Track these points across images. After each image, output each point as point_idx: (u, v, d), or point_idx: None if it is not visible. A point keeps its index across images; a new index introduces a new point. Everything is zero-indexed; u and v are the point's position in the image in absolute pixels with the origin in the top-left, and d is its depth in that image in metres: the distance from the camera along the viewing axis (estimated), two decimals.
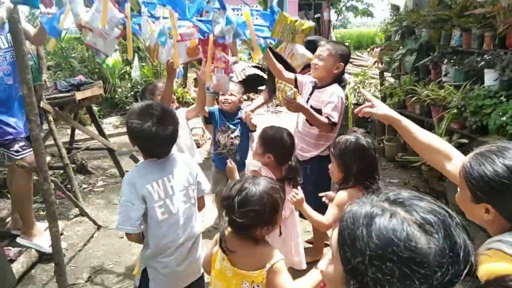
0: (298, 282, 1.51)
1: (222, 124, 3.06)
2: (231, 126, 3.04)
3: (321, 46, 2.68)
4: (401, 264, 0.70)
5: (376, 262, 0.71)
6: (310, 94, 2.76)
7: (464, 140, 3.74)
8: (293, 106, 2.57)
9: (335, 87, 2.70)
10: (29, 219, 3.10)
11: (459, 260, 0.70)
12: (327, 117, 2.59)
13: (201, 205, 2.12)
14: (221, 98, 3.06)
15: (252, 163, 2.36)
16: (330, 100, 2.61)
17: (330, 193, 2.19)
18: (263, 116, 7.58)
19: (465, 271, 0.70)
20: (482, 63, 3.71)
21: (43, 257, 3.08)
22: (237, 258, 1.54)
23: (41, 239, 3.03)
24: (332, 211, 1.98)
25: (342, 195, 1.96)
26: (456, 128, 3.89)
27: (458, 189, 1.31)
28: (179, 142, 2.60)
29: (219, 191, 3.36)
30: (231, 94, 2.98)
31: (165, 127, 1.82)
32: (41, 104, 3.44)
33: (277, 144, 2.22)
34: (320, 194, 2.17)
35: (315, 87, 2.74)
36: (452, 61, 4.21)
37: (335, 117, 2.59)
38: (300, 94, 2.84)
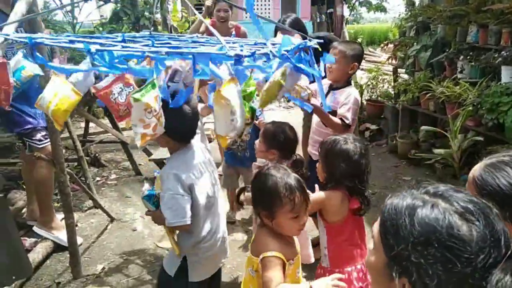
0: (284, 285, 1.46)
1: None
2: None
3: (333, 49, 2.63)
4: (444, 249, 0.74)
5: (419, 248, 0.77)
6: (326, 95, 2.74)
7: (480, 138, 3.71)
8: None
9: (351, 88, 2.69)
10: (49, 211, 3.13)
11: (500, 244, 0.75)
12: (341, 119, 2.56)
13: None
14: None
15: (258, 160, 2.37)
16: (345, 102, 2.59)
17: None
18: (274, 111, 7.57)
19: (508, 254, 0.75)
20: (500, 59, 3.67)
21: (58, 248, 3.13)
22: (252, 242, 1.64)
23: (62, 233, 3.06)
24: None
25: (319, 194, 1.90)
26: (472, 126, 3.85)
27: None
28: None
29: (230, 185, 3.40)
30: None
31: (192, 105, 1.81)
32: None
33: (279, 139, 2.22)
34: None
35: (331, 88, 2.73)
36: (468, 57, 4.16)
37: (350, 119, 2.55)
38: (314, 96, 2.83)
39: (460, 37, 4.36)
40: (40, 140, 2.94)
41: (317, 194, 1.90)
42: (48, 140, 2.95)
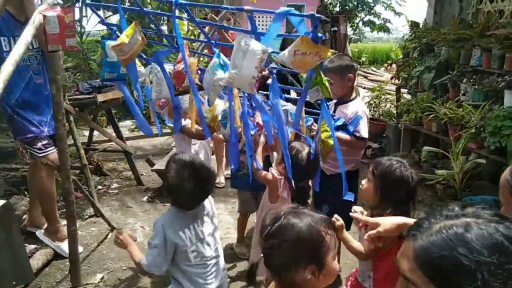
0: None
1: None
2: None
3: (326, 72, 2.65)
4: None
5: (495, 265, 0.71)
6: (334, 111, 2.76)
7: (482, 160, 3.73)
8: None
9: (356, 101, 2.70)
10: (55, 220, 3.14)
11: None
12: (354, 135, 2.56)
13: None
14: None
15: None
16: (356, 119, 2.57)
17: (359, 214, 2.07)
18: None
19: None
20: (503, 84, 3.71)
21: (57, 256, 3.12)
22: None
23: (64, 243, 3.04)
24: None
25: (394, 219, 1.88)
26: (474, 148, 3.87)
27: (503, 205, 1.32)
28: None
29: (248, 209, 3.22)
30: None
31: (202, 186, 1.86)
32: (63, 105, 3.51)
33: (297, 163, 2.16)
34: (353, 215, 2.01)
35: (337, 103, 2.74)
36: (471, 80, 4.21)
37: (363, 132, 2.56)
38: None
39: (463, 60, 4.42)
40: (40, 149, 2.95)
41: (393, 219, 1.80)
42: (50, 149, 2.97)
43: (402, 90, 5.93)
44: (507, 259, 0.71)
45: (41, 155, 2.95)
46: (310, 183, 2.38)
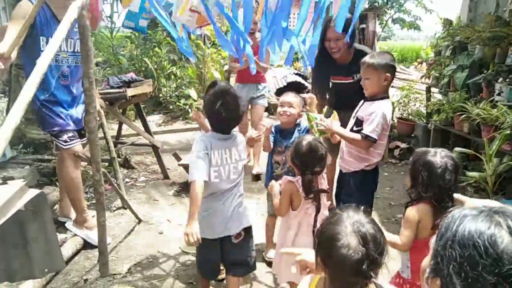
0: None
1: (279, 145, 2.86)
2: (289, 145, 2.77)
3: (362, 64, 2.58)
4: (476, 251, 0.79)
5: (457, 246, 0.83)
6: (360, 106, 2.72)
7: None
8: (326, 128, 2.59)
9: (383, 101, 2.60)
10: (81, 210, 3.22)
11: None
12: (366, 137, 2.52)
13: None
14: (279, 109, 2.83)
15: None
16: (370, 117, 2.54)
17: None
18: (302, 123, 7.55)
19: None
20: None
21: (86, 245, 3.20)
22: None
23: (93, 232, 3.13)
24: (404, 232, 1.91)
25: (411, 212, 1.91)
26: (508, 150, 3.74)
27: None
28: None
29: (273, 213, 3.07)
30: (291, 106, 2.78)
31: (230, 110, 2.19)
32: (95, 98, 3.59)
33: (296, 151, 2.23)
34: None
35: (366, 99, 2.70)
36: (507, 80, 4.05)
37: (373, 134, 2.51)
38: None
39: (499, 59, 4.26)
40: (65, 141, 3.03)
41: (409, 215, 1.91)
42: (75, 141, 3.05)
43: (433, 89, 5.78)
44: (470, 248, 0.81)
45: (66, 147, 3.02)
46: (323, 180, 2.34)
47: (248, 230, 2.42)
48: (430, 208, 1.87)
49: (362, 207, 1.26)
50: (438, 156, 1.86)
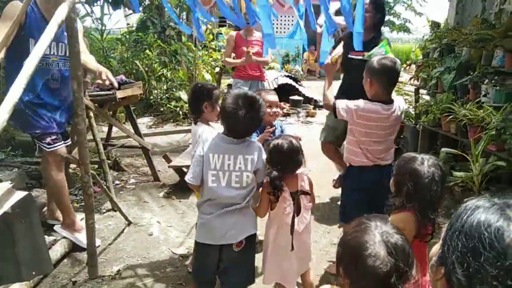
0: None
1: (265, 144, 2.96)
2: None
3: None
4: (479, 242, 0.80)
5: (462, 237, 0.83)
6: None
7: (502, 163, 3.66)
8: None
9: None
10: (68, 212, 3.20)
11: None
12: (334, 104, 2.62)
13: (258, 188, 2.31)
14: (268, 110, 2.79)
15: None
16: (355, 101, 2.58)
17: None
18: (293, 126, 7.60)
19: None
20: None
21: (75, 248, 3.19)
22: None
23: (81, 235, 3.12)
24: None
25: (393, 221, 1.86)
26: (494, 150, 3.80)
27: None
28: None
29: None
30: (277, 106, 2.88)
31: (247, 114, 2.04)
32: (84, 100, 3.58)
33: (267, 149, 2.24)
34: None
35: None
36: (493, 81, 4.12)
37: (341, 110, 2.56)
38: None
39: (485, 61, 4.34)
40: (49, 144, 3.01)
41: (392, 221, 1.86)
42: (59, 143, 3.04)
43: (421, 91, 5.85)
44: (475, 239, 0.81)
45: (49, 149, 3.01)
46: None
47: (250, 239, 2.25)
48: (413, 217, 1.80)
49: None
50: (426, 165, 1.80)
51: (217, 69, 8.97)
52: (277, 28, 15.79)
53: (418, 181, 1.78)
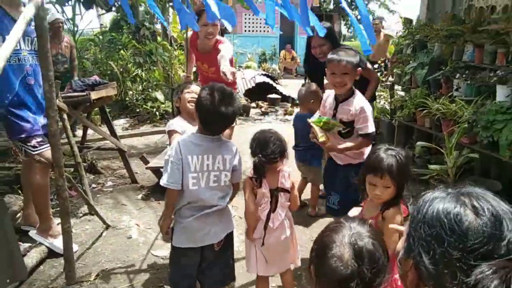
0: None
1: None
2: None
3: (336, 62, 2.57)
4: (442, 228, 0.86)
5: (425, 226, 0.89)
6: (335, 109, 2.75)
7: (475, 155, 3.76)
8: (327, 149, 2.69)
9: (357, 97, 2.67)
10: (47, 218, 3.12)
11: (500, 243, 0.82)
12: (364, 134, 2.63)
13: (235, 189, 2.31)
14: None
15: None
16: (358, 114, 2.60)
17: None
18: (271, 124, 7.62)
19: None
20: (495, 78, 3.74)
21: (52, 254, 3.11)
22: None
23: (58, 240, 3.05)
24: (393, 240, 1.85)
25: (397, 215, 1.95)
26: (467, 143, 3.90)
27: None
28: None
29: None
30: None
31: (224, 107, 2.03)
32: (56, 102, 3.49)
33: (253, 137, 2.28)
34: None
35: (338, 100, 2.71)
36: (464, 76, 4.23)
37: (371, 128, 2.63)
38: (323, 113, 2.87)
39: (456, 56, 4.45)
40: (34, 147, 2.95)
41: (398, 218, 1.93)
42: (44, 146, 2.97)
43: (396, 86, 5.95)
44: (437, 226, 0.88)
45: (35, 152, 2.94)
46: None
47: (229, 236, 2.29)
48: (403, 206, 1.99)
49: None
50: (407, 151, 2.05)
51: (194, 69, 8.90)
52: (254, 27, 15.81)
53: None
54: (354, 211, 2.15)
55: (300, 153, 3.82)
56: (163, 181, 2.08)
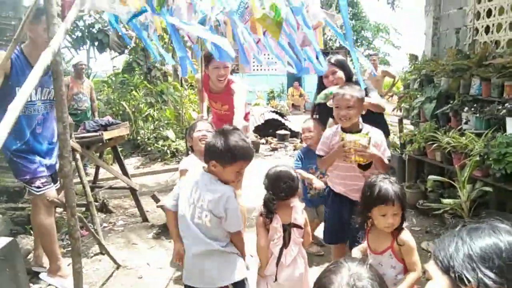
0: None
1: (309, 167, 3.30)
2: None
3: (340, 96, 2.59)
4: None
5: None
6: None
7: (488, 188, 3.70)
8: (367, 155, 2.51)
9: (367, 128, 2.65)
10: (55, 258, 3.12)
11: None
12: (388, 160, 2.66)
13: (235, 240, 2.15)
14: (303, 135, 3.46)
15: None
16: (382, 145, 2.63)
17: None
18: (280, 159, 7.63)
19: None
20: (504, 111, 3.74)
21: None
22: None
23: (68, 281, 3.03)
24: (416, 258, 2.02)
25: (409, 234, 2.06)
26: (479, 176, 3.85)
27: None
28: None
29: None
30: (309, 131, 3.37)
31: (221, 139, 2.04)
32: (70, 142, 3.56)
33: (266, 175, 2.35)
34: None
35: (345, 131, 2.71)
36: (472, 109, 4.24)
37: (388, 154, 2.70)
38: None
39: (463, 90, 4.47)
40: (38, 187, 3.00)
41: (411, 240, 2.04)
42: (47, 186, 3.02)
43: (405, 121, 5.97)
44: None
45: (39, 193, 2.99)
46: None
47: (238, 285, 2.16)
48: None
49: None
50: (381, 182, 2.03)
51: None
52: (263, 66, 16.17)
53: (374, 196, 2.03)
54: (357, 252, 2.14)
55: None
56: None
